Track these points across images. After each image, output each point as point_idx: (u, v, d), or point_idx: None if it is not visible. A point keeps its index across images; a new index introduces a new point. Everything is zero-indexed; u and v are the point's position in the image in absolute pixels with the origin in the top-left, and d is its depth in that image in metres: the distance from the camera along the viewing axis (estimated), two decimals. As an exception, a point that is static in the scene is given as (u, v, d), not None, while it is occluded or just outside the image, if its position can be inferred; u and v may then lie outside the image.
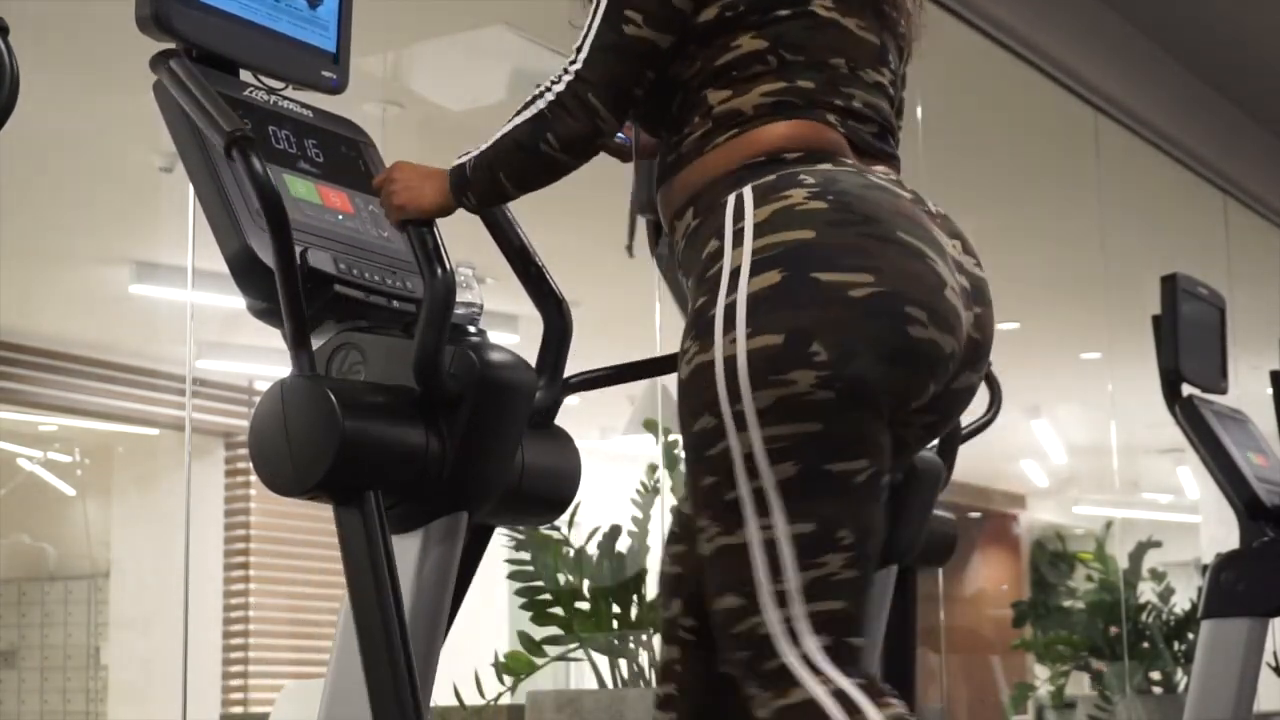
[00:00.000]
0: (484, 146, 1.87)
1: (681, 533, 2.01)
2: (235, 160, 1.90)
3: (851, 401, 1.66)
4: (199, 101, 1.96)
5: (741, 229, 1.72)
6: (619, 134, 2.01)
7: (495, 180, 1.86)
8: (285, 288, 1.90)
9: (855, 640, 1.69)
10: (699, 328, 1.71)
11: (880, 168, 1.85)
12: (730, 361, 1.68)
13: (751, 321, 1.67)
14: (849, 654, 1.68)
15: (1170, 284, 4.18)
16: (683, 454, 1.80)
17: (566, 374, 2.21)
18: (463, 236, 2.03)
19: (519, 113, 1.84)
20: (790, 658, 1.66)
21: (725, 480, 1.68)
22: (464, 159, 1.89)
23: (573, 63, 1.82)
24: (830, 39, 1.84)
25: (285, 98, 2.22)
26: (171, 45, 2.09)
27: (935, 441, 3.26)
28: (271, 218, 1.89)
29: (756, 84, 1.81)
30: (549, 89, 1.82)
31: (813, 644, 1.66)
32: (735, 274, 1.70)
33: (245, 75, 2.20)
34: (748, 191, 1.75)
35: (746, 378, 1.66)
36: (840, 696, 1.64)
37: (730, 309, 1.69)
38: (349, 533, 1.93)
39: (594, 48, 1.81)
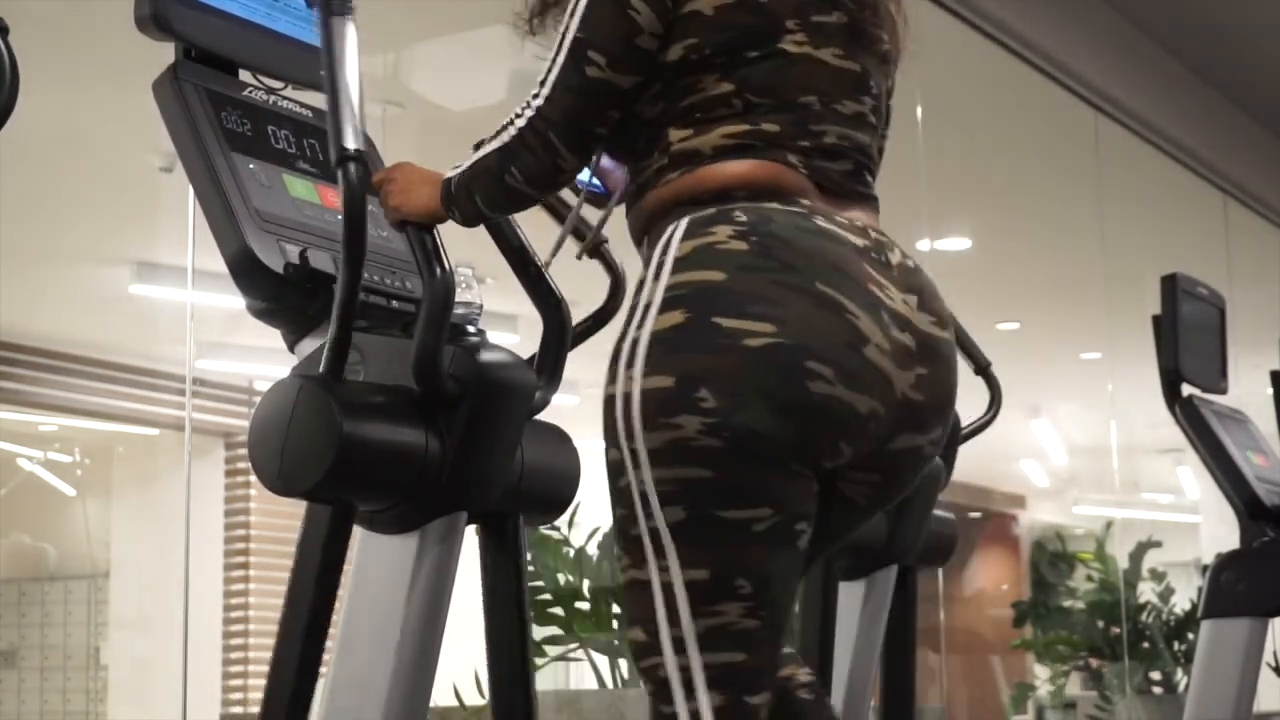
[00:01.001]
0: (465, 166, 1.86)
1: None
2: (339, 177, 1.87)
3: (741, 452, 1.62)
4: (336, 94, 1.91)
5: (664, 262, 1.71)
6: (595, 184, 2.00)
7: (474, 201, 1.86)
8: (344, 301, 1.89)
9: (753, 699, 1.66)
10: (612, 358, 1.70)
11: (852, 211, 1.79)
12: (627, 399, 1.66)
13: (649, 361, 1.65)
14: (742, 716, 1.65)
15: (1170, 284, 4.18)
16: None
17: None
18: (462, 236, 2.02)
19: (494, 137, 1.83)
20: (681, 711, 1.64)
21: (630, 515, 1.67)
22: (453, 172, 1.88)
23: (536, 96, 1.79)
24: (802, 76, 1.79)
25: (285, 98, 2.22)
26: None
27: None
28: (351, 237, 1.87)
29: (719, 125, 1.77)
30: (513, 121, 1.80)
31: (705, 701, 1.64)
32: (647, 309, 1.68)
33: (245, 75, 2.20)
34: (682, 225, 1.73)
35: (639, 417, 1.65)
36: None
37: (634, 345, 1.67)
38: (313, 526, 1.96)
39: (556, 84, 1.78)
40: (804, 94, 1.79)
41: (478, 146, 1.89)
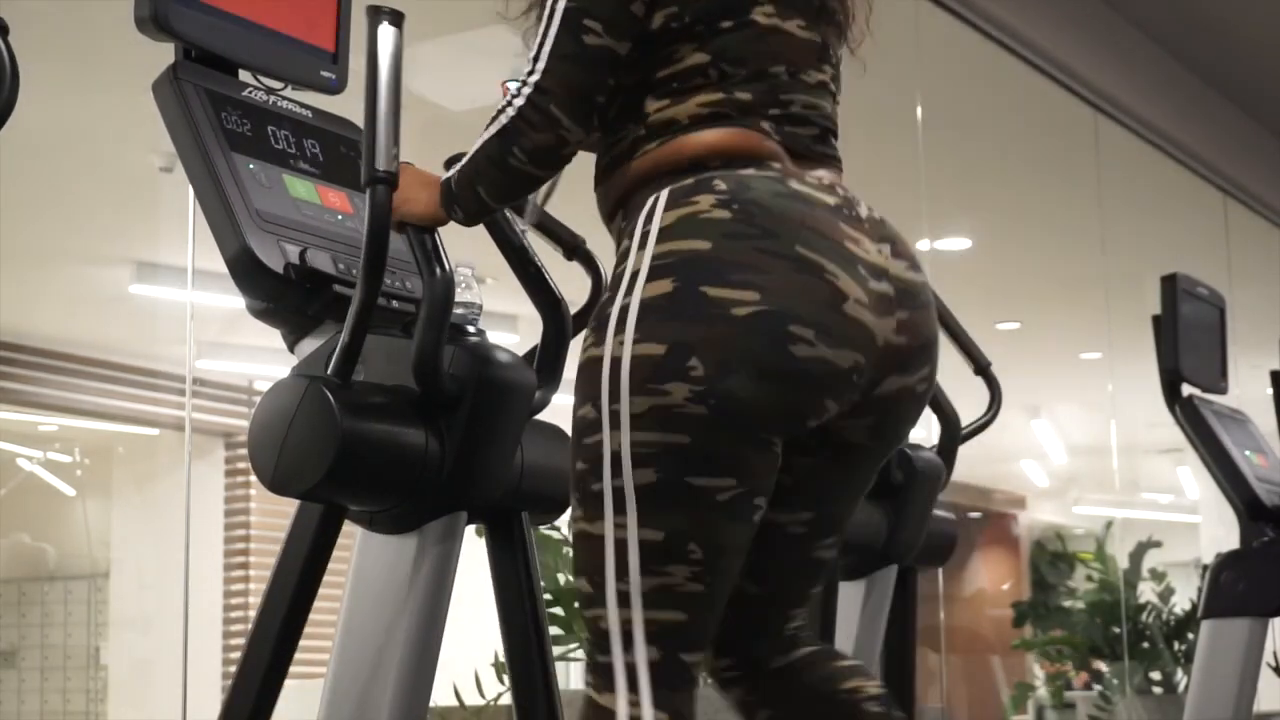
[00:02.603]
0: (463, 162, 1.86)
1: None
2: (368, 196, 1.87)
3: (724, 419, 1.67)
4: (374, 114, 1.88)
5: (649, 232, 1.74)
6: None
7: (477, 195, 1.86)
8: (359, 310, 1.90)
9: (688, 656, 1.71)
10: (598, 321, 1.73)
11: (819, 171, 1.85)
12: (616, 363, 1.69)
13: (640, 327, 1.69)
14: (677, 672, 1.70)
15: (1170, 284, 4.18)
16: None
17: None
18: (463, 236, 2.03)
19: (489, 125, 1.84)
20: (617, 662, 1.69)
21: (593, 471, 1.70)
22: (450, 173, 1.88)
23: (531, 74, 1.80)
24: (771, 46, 1.84)
25: (284, 98, 2.22)
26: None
27: (935, 441, 3.28)
28: (371, 256, 1.87)
29: (695, 95, 1.81)
30: (510, 103, 1.81)
31: (642, 654, 1.69)
32: (635, 277, 1.72)
33: (245, 75, 2.20)
34: (663, 195, 1.76)
35: (627, 381, 1.68)
36: None
37: (624, 311, 1.70)
38: (302, 524, 1.96)
39: (552, 56, 1.79)
40: (774, 64, 1.84)
41: (449, 164, 1.90)
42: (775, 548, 1.85)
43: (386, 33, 1.90)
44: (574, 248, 2.25)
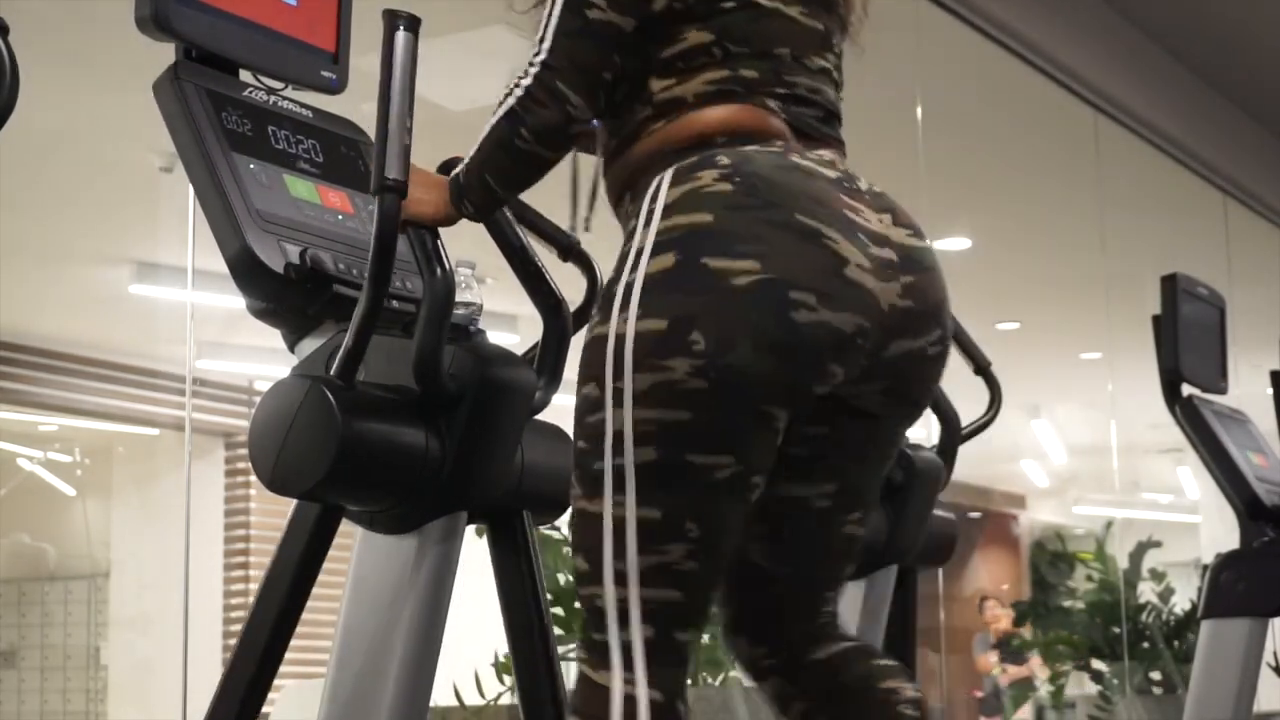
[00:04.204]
0: (472, 152, 1.86)
1: None
2: (377, 204, 1.85)
3: (725, 392, 1.67)
4: (386, 123, 1.86)
5: (654, 210, 1.75)
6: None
7: (486, 185, 1.86)
8: (365, 314, 1.89)
9: (683, 635, 1.72)
10: (604, 300, 1.74)
11: (822, 150, 1.86)
12: (620, 340, 1.70)
13: (643, 303, 1.69)
14: (672, 650, 1.71)
15: (1170, 284, 4.18)
16: None
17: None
18: (463, 236, 2.03)
19: (494, 112, 1.84)
20: (613, 640, 1.70)
21: (595, 449, 1.71)
22: (459, 168, 1.88)
23: (537, 54, 1.81)
24: (774, 29, 1.85)
25: (285, 98, 2.22)
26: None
27: (935, 441, 3.28)
28: (378, 264, 1.87)
29: (700, 73, 1.83)
30: (518, 84, 1.81)
31: (638, 633, 1.69)
32: (639, 254, 1.72)
33: (245, 75, 2.20)
34: (669, 173, 1.77)
35: (630, 358, 1.68)
36: (629, 702, 1.67)
37: (629, 288, 1.71)
38: (298, 524, 1.96)
39: (558, 34, 1.80)
40: (777, 45, 1.85)
41: (444, 167, 1.90)
42: (804, 524, 1.85)
43: (402, 39, 1.89)
44: (568, 248, 2.25)
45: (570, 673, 1.85)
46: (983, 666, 10.92)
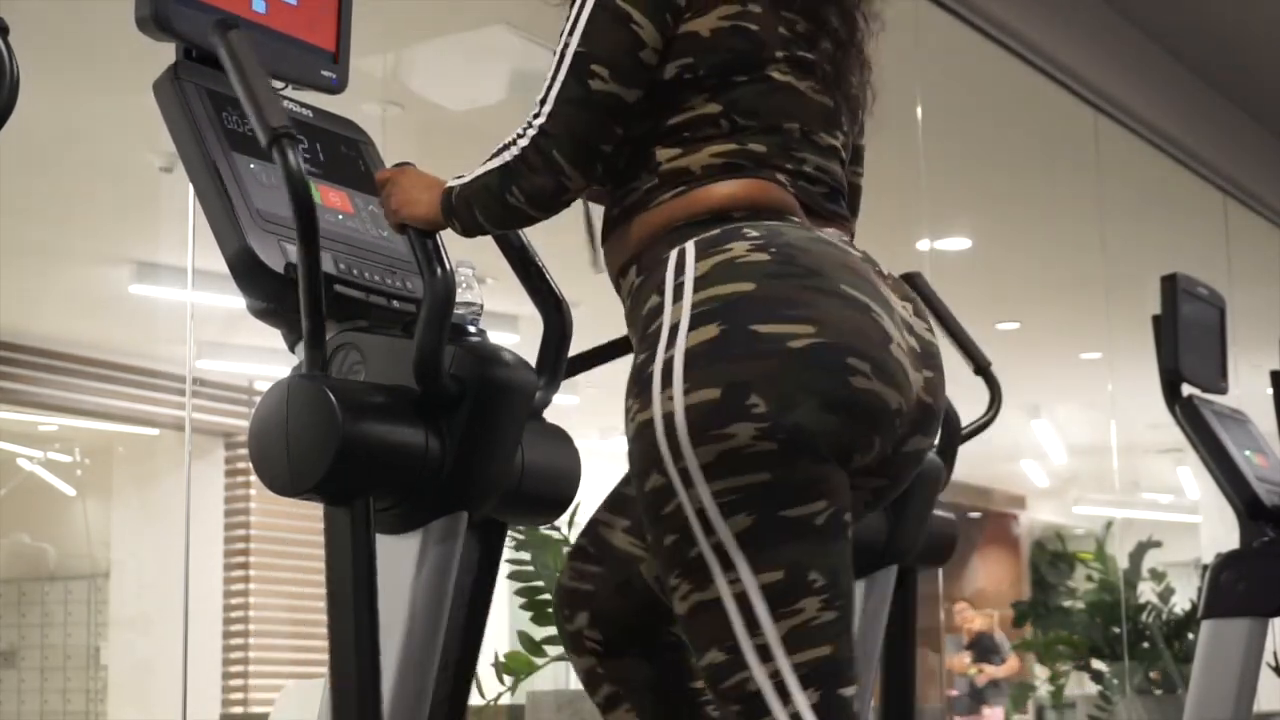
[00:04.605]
0: (467, 179, 1.85)
1: (598, 554, 2.00)
2: (276, 158, 1.86)
3: (795, 450, 1.63)
4: (250, 88, 1.90)
5: (682, 283, 1.70)
6: None
7: (473, 216, 1.85)
8: (308, 288, 1.87)
9: (846, 691, 1.66)
10: (640, 385, 1.69)
11: (831, 229, 1.84)
12: (669, 418, 1.65)
13: (689, 377, 1.65)
14: (840, 709, 1.65)
15: (1170, 284, 4.18)
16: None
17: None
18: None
19: (494, 156, 1.82)
20: (781, 716, 1.64)
21: (685, 538, 1.66)
22: (455, 183, 1.87)
23: (536, 115, 1.78)
24: (784, 103, 1.83)
25: (285, 98, 2.22)
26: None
27: (934, 443, 3.28)
28: (302, 218, 1.85)
29: (707, 145, 1.79)
30: (514, 141, 1.79)
31: (803, 701, 1.63)
32: (674, 329, 1.68)
33: (245, 75, 2.20)
34: (690, 246, 1.73)
35: (686, 434, 1.64)
36: None
37: (668, 365, 1.67)
38: (336, 534, 1.93)
39: (559, 100, 1.77)
40: (787, 120, 1.83)
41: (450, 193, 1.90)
42: None
43: (235, 36, 1.94)
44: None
45: (570, 674, 1.85)
46: (956, 667, 11.02)
